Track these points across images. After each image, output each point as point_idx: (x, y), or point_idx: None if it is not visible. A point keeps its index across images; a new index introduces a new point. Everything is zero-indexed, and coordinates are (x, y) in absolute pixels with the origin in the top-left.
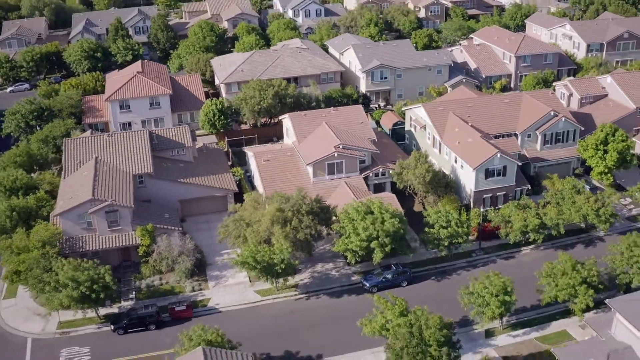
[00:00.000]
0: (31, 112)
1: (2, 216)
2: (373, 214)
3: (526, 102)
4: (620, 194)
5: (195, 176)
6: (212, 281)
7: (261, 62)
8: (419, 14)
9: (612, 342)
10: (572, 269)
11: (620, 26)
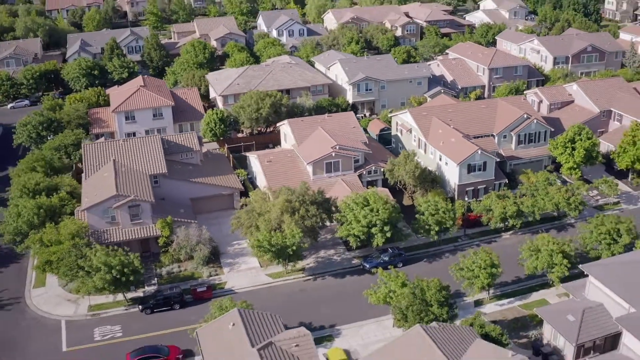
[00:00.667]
0: (41, 124)
1: (30, 213)
2: (370, 205)
3: (501, 107)
4: (588, 185)
5: (204, 176)
6: (227, 267)
7: (255, 75)
8: (396, 32)
9: (586, 301)
10: (551, 242)
11: (583, 41)
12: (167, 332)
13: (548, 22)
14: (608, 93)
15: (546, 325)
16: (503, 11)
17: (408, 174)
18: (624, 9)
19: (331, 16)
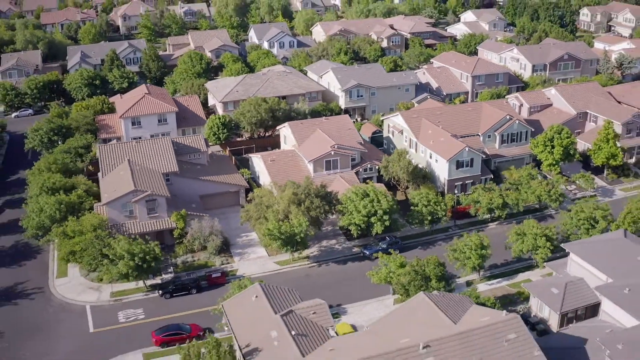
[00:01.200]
0: (52, 129)
1: (52, 208)
2: (369, 197)
3: (485, 110)
4: (566, 179)
5: (212, 175)
6: (237, 256)
7: (253, 83)
8: (382, 44)
9: (568, 277)
10: (535, 227)
11: (560, 49)
12: (186, 314)
13: (526, 33)
14: (584, 96)
15: (533, 298)
16: (483, 23)
17: (402, 169)
18: (598, 20)
19: (320, 29)
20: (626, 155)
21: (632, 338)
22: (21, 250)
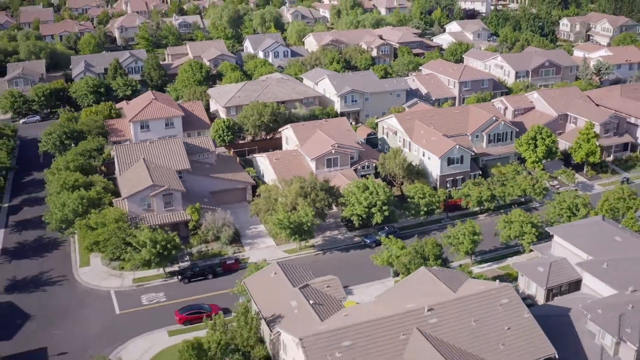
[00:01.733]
0: (64, 133)
1: (75, 203)
2: (369, 189)
3: (473, 112)
4: (549, 175)
5: (220, 173)
6: (247, 246)
7: (253, 89)
8: (372, 53)
9: (553, 257)
10: (522, 215)
11: (542, 57)
12: (204, 296)
13: (509, 42)
14: (565, 100)
15: (521, 277)
16: (467, 33)
17: (397, 166)
18: (578, 30)
19: (312, 39)
20: (604, 153)
21: (609, 303)
22: (43, 243)
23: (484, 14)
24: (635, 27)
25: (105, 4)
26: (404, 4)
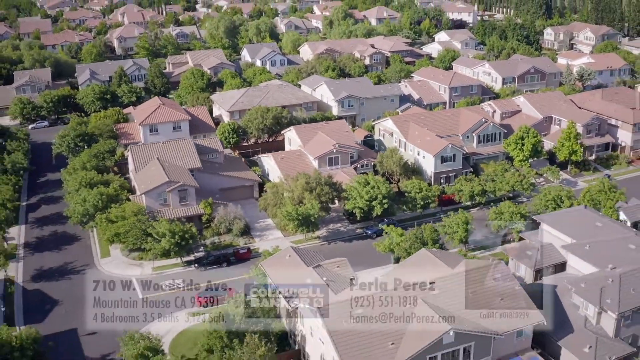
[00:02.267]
0: (77, 136)
1: (95, 198)
2: (370, 184)
3: (463, 114)
4: (535, 172)
5: (229, 172)
6: (257, 237)
7: (255, 95)
8: (365, 61)
9: (540, 242)
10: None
11: (527, 64)
12: (219, 282)
13: (496, 51)
14: (549, 103)
15: (511, 260)
16: (456, 42)
17: (395, 163)
18: (561, 39)
19: (307, 48)
20: (587, 152)
21: (591, 279)
22: (63, 237)
23: (471, 24)
24: (616, 35)
25: (101, 15)
26: (393, 14)
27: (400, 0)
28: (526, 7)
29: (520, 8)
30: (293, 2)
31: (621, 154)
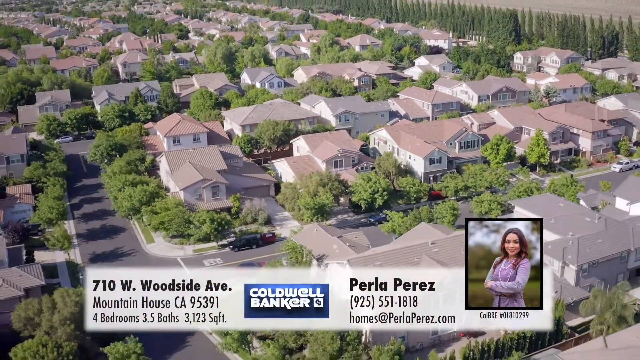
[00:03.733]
0: (109, 146)
1: (140, 195)
2: (372, 180)
3: (446, 125)
4: (509, 171)
5: (249, 174)
6: (278, 226)
7: (263, 111)
8: (354, 83)
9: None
10: (490, 197)
11: (499, 83)
12: (250, 259)
13: (471, 73)
14: (519, 116)
15: None
16: (434, 66)
17: (391, 165)
18: (529, 62)
19: (301, 72)
20: (553, 156)
21: (556, 242)
22: (109, 229)
23: (447, 50)
24: (580, 58)
25: (100, 43)
26: (375, 41)
27: (380, 29)
28: (497, 34)
29: (491, 35)
30: (280, 31)
31: (582, 157)
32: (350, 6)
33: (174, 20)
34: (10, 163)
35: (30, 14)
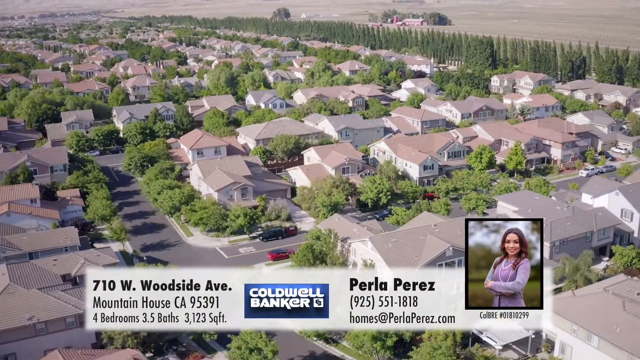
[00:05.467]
0: (141, 158)
1: (179, 196)
2: (376, 182)
3: (436, 137)
4: (491, 176)
5: (268, 179)
6: (297, 222)
7: (274, 127)
8: (349, 104)
9: (496, 214)
10: (476, 195)
11: (480, 103)
12: (277, 247)
13: (453, 94)
14: (498, 130)
15: None
16: (420, 88)
17: (391, 170)
18: (505, 84)
19: (300, 94)
20: (528, 164)
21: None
22: (151, 226)
23: (429, 74)
24: (551, 81)
25: (104, 68)
26: (363, 67)
27: (367, 55)
28: (475, 59)
29: (469, 60)
30: (274, 57)
31: (554, 165)
32: (335, 34)
33: (170, 47)
34: (54, 172)
35: (29, 41)
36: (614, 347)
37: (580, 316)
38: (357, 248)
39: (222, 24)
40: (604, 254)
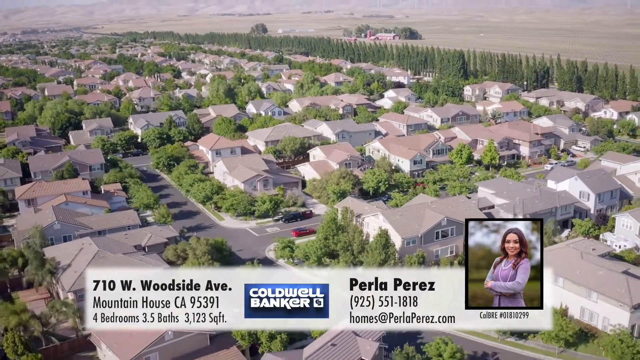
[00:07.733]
0: (168, 157)
1: (211, 187)
2: (376, 174)
3: (422, 137)
4: (470, 169)
5: (282, 173)
6: (310, 207)
7: (280, 130)
8: (339, 111)
9: (477, 197)
10: (459, 183)
11: (456, 109)
12: (299, 227)
13: (431, 102)
14: (474, 131)
15: None
16: (401, 97)
17: (386, 165)
18: (477, 93)
19: (295, 103)
20: (501, 160)
21: (508, 205)
22: (186, 213)
23: (407, 84)
24: (518, 89)
25: (105, 82)
26: (347, 78)
27: (348, 68)
28: (448, 71)
29: (443, 72)
30: (263, 71)
31: (523, 160)
32: (315, 49)
33: (162, 62)
34: (92, 170)
35: (23, 57)
36: (575, 285)
37: (549, 264)
38: (370, 222)
39: (205, 39)
40: (567, 227)
